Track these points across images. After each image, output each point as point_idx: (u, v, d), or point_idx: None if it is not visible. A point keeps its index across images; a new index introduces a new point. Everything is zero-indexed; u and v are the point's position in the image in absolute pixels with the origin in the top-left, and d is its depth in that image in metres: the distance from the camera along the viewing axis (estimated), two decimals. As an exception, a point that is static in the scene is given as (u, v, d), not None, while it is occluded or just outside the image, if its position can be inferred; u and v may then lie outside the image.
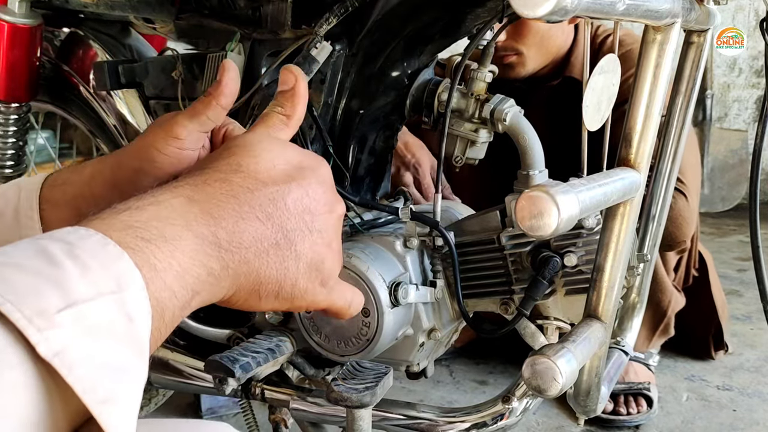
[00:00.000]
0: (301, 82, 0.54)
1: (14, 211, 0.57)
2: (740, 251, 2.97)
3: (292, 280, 0.46)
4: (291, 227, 0.45)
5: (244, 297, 0.45)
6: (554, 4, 0.51)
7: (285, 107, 0.53)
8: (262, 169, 0.45)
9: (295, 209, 0.45)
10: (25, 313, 0.31)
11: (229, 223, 0.42)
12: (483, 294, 0.98)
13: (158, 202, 0.41)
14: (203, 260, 0.41)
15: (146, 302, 0.36)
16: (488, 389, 1.78)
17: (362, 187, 1.12)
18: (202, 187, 0.43)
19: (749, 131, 3.54)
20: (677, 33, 0.75)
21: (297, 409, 1.04)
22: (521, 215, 0.62)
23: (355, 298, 0.53)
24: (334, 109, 1.01)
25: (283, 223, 0.45)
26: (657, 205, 1.06)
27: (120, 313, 0.34)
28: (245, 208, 0.43)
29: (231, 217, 0.42)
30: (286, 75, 0.54)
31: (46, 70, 1.26)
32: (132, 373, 0.34)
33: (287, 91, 0.53)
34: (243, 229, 0.42)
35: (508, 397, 0.97)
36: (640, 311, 1.19)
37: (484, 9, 0.93)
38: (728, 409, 1.66)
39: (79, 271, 0.34)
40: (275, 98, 0.54)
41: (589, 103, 0.77)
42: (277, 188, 0.45)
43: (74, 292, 0.33)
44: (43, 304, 0.32)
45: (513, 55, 1.58)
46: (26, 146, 1.30)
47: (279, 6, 0.95)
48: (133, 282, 0.36)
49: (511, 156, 0.96)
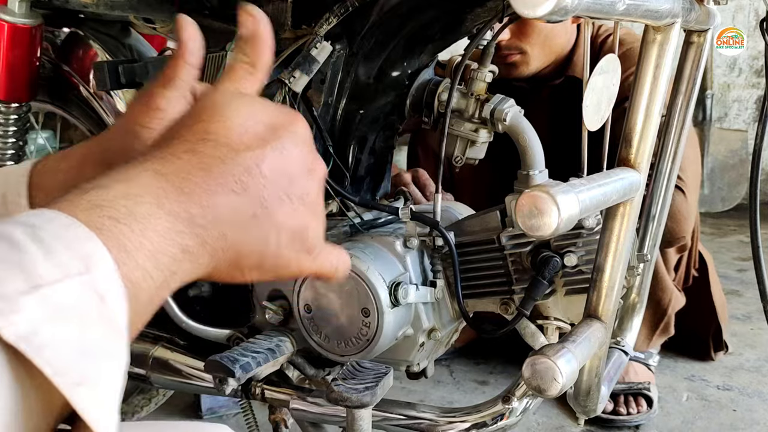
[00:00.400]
0: (261, 23, 0.49)
1: (1, 197, 0.55)
2: (740, 251, 2.96)
3: (274, 251, 0.43)
4: (268, 196, 0.42)
5: (225, 271, 0.42)
6: (554, 4, 0.51)
7: (248, 54, 0.49)
8: (233, 134, 0.42)
9: (271, 176, 0.42)
10: None
11: (202, 198, 0.39)
12: (483, 294, 0.98)
13: (126, 179, 0.38)
14: (177, 239, 0.38)
15: (118, 282, 0.34)
16: (488, 389, 1.78)
17: (362, 187, 1.12)
18: (170, 160, 0.40)
19: (749, 131, 3.54)
20: (677, 33, 0.75)
21: (297, 409, 1.04)
22: (521, 215, 0.62)
23: (341, 259, 0.49)
24: (334, 109, 1.01)
25: (260, 192, 0.42)
26: (657, 205, 1.06)
27: (90, 294, 0.33)
28: (219, 181, 0.40)
29: (204, 192, 0.40)
30: (243, 17, 0.49)
31: (46, 70, 1.26)
32: (109, 354, 0.33)
33: (248, 34, 0.49)
34: (217, 203, 0.40)
35: (508, 397, 0.97)
36: (640, 311, 1.18)
37: (484, 9, 0.93)
38: (728, 409, 1.66)
39: (42, 254, 0.32)
40: (235, 45, 0.50)
41: (589, 103, 0.77)
42: (250, 154, 0.41)
43: (38, 276, 0.31)
44: (5, 289, 0.30)
45: (516, 54, 1.58)
46: (26, 146, 1.29)
47: (279, 6, 0.95)
48: (102, 262, 0.34)
49: (511, 156, 0.96)
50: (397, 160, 2.52)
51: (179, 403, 1.64)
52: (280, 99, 0.90)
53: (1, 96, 1.19)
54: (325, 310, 0.95)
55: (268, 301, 1.03)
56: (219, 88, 0.48)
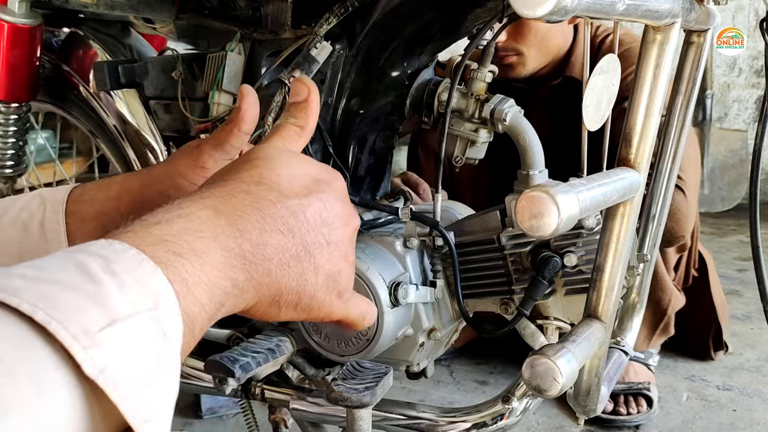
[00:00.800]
0: (313, 94, 0.55)
1: (40, 224, 0.58)
2: (740, 251, 2.97)
3: (311, 291, 0.47)
4: (310, 240, 0.46)
5: (265, 307, 0.46)
6: (554, 4, 0.51)
7: (298, 118, 0.54)
8: (283, 181, 0.46)
9: (314, 222, 0.47)
10: (71, 331, 0.31)
11: (253, 235, 0.43)
12: (483, 294, 0.98)
13: (186, 214, 0.42)
14: (229, 273, 0.41)
15: (179, 318, 0.37)
16: (488, 389, 1.78)
17: (362, 187, 1.12)
18: (227, 199, 0.44)
19: (749, 131, 3.54)
20: (677, 33, 0.75)
21: (297, 409, 1.04)
22: (521, 215, 0.62)
23: (369, 310, 0.54)
24: (334, 109, 1.01)
25: (304, 235, 0.46)
26: (657, 205, 1.06)
27: (156, 331, 0.35)
28: (268, 221, 0.44)
29: (255, 229, 0.43)
30: (299, 86, 0.55)
31: (46, 70, 1.26)
32: (167, 389, 0.36)
33: (300, 102, 0.54)
34: (266, 241, 0.44)
35: (508, 397, 0.97)
36: (640, 311, 1.18)
37: (484, 9, 0.93)
38: (728, 409, 1.66)
39: (116, 287, 0.34)
40: (287, 109, 0.55)
41: (589, 103, 0.77)
42: (297, 201, 0.46)
43: (114, 310, 0.34)
44: (86, 322, 0.32)
45: (513, 55, 1.59)
46: (26, 146, 1.30)
47: (279, 6, 0.95)
48: (167, 298, 0.37)
49: (511, 156, 0.96)
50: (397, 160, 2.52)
51: (179, 402, 1.63)
52: (280, 99, 0.90)
53: (1, 96, 1.19)
54: (325, 310, 0.94)
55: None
56: (271, 143, 0.52)
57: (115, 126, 1.21)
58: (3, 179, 1.27)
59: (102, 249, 0.37)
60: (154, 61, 1.08)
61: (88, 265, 0.35)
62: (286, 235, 0.45)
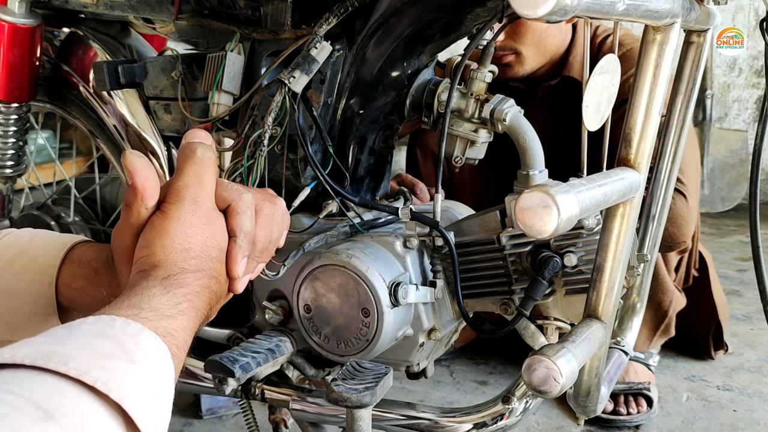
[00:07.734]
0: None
1: (34, 299, 0.72)
2: (740, 251, 2.97)
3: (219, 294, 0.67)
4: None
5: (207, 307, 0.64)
6: (554, 4, 0.51)
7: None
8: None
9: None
10: (134, 404, 0.46)
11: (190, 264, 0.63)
12: (483, 294, 0.98)
13: (181, 312, 0.58)
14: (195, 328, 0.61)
15: (172, 385, 0.53)
16: (488, 389, 1.78)
17: (362, 187, 1.12)
18: (198, 296, 0.61)
19: (749, 131, 3.54)
20: (677, 33, 0.75)
21: (297, 409, 1.04)
22: (521, 215, 0.62)
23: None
24: (334, 109, 1.00)
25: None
26: (657, 205, 1.06)
27: (165, 402, 0.50)
28: None
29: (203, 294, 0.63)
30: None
31: (46, 70, 1.26)
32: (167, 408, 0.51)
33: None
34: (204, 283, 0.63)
35: (508, 397, 0.97)
36: (640, 311, 1.19)
37: (484, 9, 0.93)
38: (728, 409, 1.66)
39: (149, 366, 0.50)
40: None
41: (588, 103, 0.77)
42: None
43: (152, 386, 0.49)
44: (143, 394, 0.47)
45: (511, 54, 1.58)
46: (26, 146, 1.30)
47: (279, 6, 0.95)
48: (170, 377, 0.53)
49: (511, 156, 0.96)
50: (397, 161, 2.52)
51: (179, 403, 1.64)
52: (280, 99, 0.90)
53: (1, 96, 1.19)
54: (324, 311, 0.95)
55: (268, 302, 1.03)
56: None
57: (115, 126, 1.21)
58: (3, 179, 1.27)
59: (106, 328, 0.50)
60: (154, 61, 1.08)
61: (127, 346, 0.49)
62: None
